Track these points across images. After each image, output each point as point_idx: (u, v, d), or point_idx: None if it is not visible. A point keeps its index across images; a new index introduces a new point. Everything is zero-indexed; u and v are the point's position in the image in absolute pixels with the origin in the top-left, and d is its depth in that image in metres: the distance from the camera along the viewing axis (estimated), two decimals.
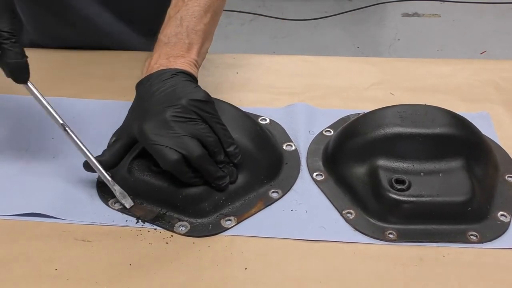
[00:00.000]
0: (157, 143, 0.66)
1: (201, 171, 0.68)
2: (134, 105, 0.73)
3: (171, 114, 0.67)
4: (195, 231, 0.68)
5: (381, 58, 1.05)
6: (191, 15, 0.77)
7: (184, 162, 0.66)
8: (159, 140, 0.66)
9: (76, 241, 0.67)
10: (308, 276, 0.63)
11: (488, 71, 0.96)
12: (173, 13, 0.78)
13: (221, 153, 0.69)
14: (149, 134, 0.67)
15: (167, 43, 0.75)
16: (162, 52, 0.75)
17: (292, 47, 2.73)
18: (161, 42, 0.76)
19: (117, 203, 0.71)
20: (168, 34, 0.76)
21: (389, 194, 0.68)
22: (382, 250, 0.66)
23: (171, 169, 0.66)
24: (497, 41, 2.73)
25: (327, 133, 0.82)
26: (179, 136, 0.66)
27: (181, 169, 0.66)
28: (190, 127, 0.67)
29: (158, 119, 0.67)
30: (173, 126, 0.66)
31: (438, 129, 0.71)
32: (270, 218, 0.70)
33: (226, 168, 0.70)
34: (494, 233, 0.67)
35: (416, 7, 3.02)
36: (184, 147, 0.66)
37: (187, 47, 0.75)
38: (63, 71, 0.96)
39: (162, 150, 0.66)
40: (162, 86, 0.70)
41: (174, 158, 0.65)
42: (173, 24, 0.76)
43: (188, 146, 0.66)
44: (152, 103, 0.69)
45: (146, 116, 0.68)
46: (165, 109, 0.67)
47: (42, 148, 0.80)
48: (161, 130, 0.66)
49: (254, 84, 0.93)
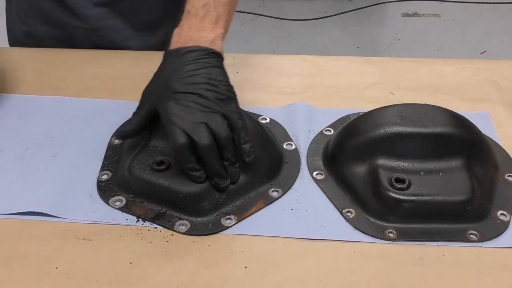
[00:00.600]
0: (173, 122, 0.67)
1: (205, 163, 0.68)
2: (161, 75, 0.74)
3: (196, 101, 0.68)
4: (195, 230, 0.68)
5: (381, 58, 1.05)
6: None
7: (189, 148, 0.67)
8: (176, 121, 0.67)
9: (76, 240, 0.67)
10: (308, 275, 0.63)
11: (488, 71, 0.96)
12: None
13: (231, 151, 0.69)
14: (170, 113, 0.68)
15: (196, 14, 0.76)
16: (192, 24, 0.76)
17: (292, 47, 2.73)
18: (190, 14, 0.77)
19: (117, 201, 0.71)
20: (196, 5, 0.77)
21: (389, 193, 0.68)
22: (382, 249, 0.66)
23: (176, 150, 0.67)
24: (497, 41, 2.74)
25: (327, 132, 0.82)
26: (195, 122, 0.67)
27: (186, 154, 0.67)
28: (209, 117, 0.68)
29: (183, 102, 0.68)
30: (194, 113, 0.68)
31: (438, 129, 0.71)
32: (270, 217, 0.70)
33: (231, 168, 0.70)
34: (494, 232, 0.67)
35: (416, 7, 3.02)
36: (196, 132, 0.66)
37: (215, 19, 0.76)
38: (63, 71, 0.96)
39: (175, 130, 0.67)
40: (192, 66, 0.71)
41: (181, 140, 0.66)
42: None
43: (199, 133, 0.67)
44: (179, 83, 0.70)
45: (171, 96, 0.69)
46: (192, 95, 0.69)
47: (42, 148, 0.80)
48: (182, 113, 0.68)
49: (254, 84, 0.93)
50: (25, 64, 0.97)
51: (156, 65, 1.01)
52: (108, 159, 0.77)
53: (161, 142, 0.73)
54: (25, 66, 0.95)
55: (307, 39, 2.80)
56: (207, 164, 0.68)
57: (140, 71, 0.96)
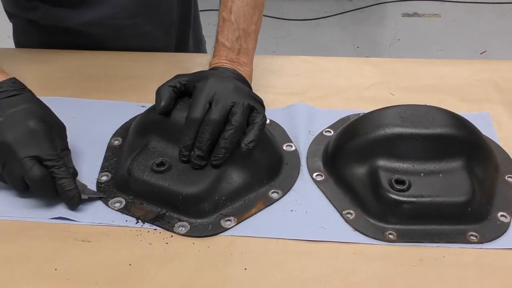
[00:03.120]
0: (203, 92, 0.71)
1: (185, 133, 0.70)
2: (209, 73, 0.76)
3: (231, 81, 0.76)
4: (195, 231, 0.68)
5: (381, 58, 1.05)
6: (243, 15, 0.83)
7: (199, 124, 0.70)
8: (207, 90, 0.71)
9: (76, 241, 0.67)
10: (308, 277, 0.63)
11: (488, 71, 0.96)
12: (227, 16, 0.84)
13: (233, 133, 0.69)
14: (207, 86, 0.72)
15: (231, 48, 0.83)
16: (228, 58, 0.82)
17: (292, 47, 2.73)
18: (224, 46, 0.83)
19: (117, 203, 0.71)
20: (230, 38, 0.83)
21: (389, 194, 0.68)
22: (382, 251, 0.66)
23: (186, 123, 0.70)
24: (497, 41, 2.74)
25: (327, 133, 0.82)
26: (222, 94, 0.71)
27: (191, 129, 0.70)
28: (238, 97, 0.71)
29: (220, 81, 0.74)
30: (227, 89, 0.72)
31: (438, 130, 0.71)
32: (270, 219, 0.70)
33: (219, 149, 0.70)
34: (494, 233, 0.67)
35: (416, 7, 3.02)
36: (195, 107, 0.70)
37: (247, 52, 0.84)
38: (63, 71, 0.96)
39: (199, 102, 0.71)
40: (231, 78, 0.78)
41: (196, 115, 0.70)
42: (231, 27, 0.83)
43: (195, 107, 0.70)
44: (222, 86, 0.73)
45: (212, 74, 0.75)
46: (227, 79, 0.76)
47: None
48: (217, 86, 0.72)
49: (254, 84, 0.93)
50: (25, 64, 0.97)
51: (156, 65, 1.01)
52: (107, 160, 0.77)
53: (160, 143, 0.73)
54: (25, 67, 0.95)
55: (307, 39, 2.80)
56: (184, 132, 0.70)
57: (140, 71, 0.96)
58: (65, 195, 0.68)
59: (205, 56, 1.00)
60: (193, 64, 0.96)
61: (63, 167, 0.68)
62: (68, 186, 0.68)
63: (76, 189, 0.68)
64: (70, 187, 0.68)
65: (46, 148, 0.67)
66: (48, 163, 0.67)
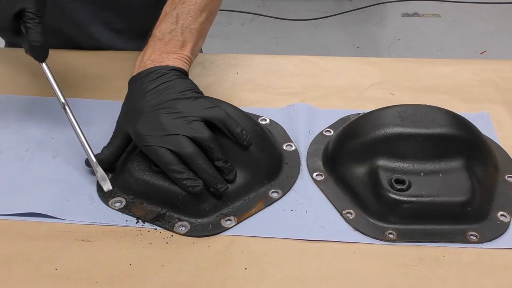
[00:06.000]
0: (150, 144, 0.68)
1: (195, 170, 0.67)
2: (127, 102, 0.74)
3: (164, 115, 0.69)
4: (195, 231, 0.68)
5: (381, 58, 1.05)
6: (187, 13, 0.78)
7: (177, 161, 0.67)
8: (152, 141, 0.68)
9: (76, 241, 0.67)
10: (308, 276, 0.63)
11: (488, 71, 0.96)
12: (169, 10, 0.79)
13: (218, 150, 0.69)
14: (143, 136, 0.69)
15: (161, 38, 0.77)
16: (155, 48, 0.76)
17: (292, 47, 2.73)
18: (155, 37, 0.77)
19: (117, 203, 0.71)
20: (163, 30, 0.77)
21: (389, 194, 0.68)
22: (382, 250, 0.66)
23: (165, 169, 0.67)
24: (497, 41, 2.73)
25: (327, 133, 0.82)
26: (171, 135, 0.67)
27: (176, 169, 0.67)
28: (183, 126, 0.68)
29: (151, 121, 0.69)
30: (166, 127, 0.68)
31: (438, 129, 0.71)
32: (270, 218, 0.70)
33: (225, 168, 0.69)
34: (494, 233, 0.67)
35: (416, 7, 3.02)
36: (175, 145, 0.67)
37: (180, 44, 0.76)
38: (63, 71, 0.96)
39: (156, 150, 0.67)
40: (154, 84, 0.72)
41: (166, 156, 0.67)
42: (169, 21, 0.78)
43: (179, 143, 0.67)
44: (145, 103, 0.71)
45: (140, 117, 0.70)
46: (158, 110, 0.69)
47: (42, 148, 0.80)
48: (155, 131, 0.68)
49: (254, 84, 0.93)
50: (25, 64, 0.97)
51: None
52: None
53: None
54: (25, 67, 0.95)
55: (307, 39, 2.80)
56: (197, 171, 0.67)
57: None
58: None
59: (201, 55, 0.99)
60: (193, 64, 0.96)
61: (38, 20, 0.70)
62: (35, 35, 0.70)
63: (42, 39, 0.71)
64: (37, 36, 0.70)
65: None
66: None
